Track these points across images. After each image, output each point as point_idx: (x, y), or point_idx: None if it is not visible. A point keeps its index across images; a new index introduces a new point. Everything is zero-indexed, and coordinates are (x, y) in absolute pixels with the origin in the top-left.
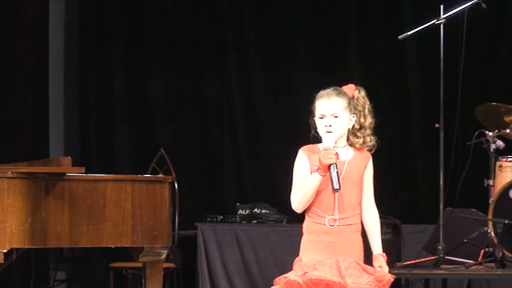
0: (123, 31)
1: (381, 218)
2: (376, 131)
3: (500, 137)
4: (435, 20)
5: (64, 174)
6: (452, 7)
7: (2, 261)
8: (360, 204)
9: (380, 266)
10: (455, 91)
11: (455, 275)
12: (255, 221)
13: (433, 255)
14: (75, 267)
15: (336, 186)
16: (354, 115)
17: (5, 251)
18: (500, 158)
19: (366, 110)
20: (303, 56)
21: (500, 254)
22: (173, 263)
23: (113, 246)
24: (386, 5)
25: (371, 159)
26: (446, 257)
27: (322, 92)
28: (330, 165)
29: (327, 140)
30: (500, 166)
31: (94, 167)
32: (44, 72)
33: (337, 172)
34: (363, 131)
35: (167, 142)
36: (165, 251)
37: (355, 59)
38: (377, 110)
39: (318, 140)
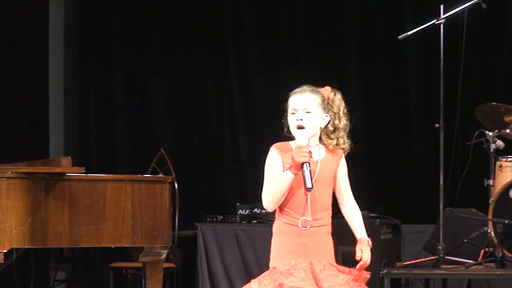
0: (123, 31)
1: (381, 218)
2: (377, 130)
3: (500, 137)
4: (435, 20)
5: (64, 174)
6: (452, 7)
7: (2, 261)
8: (332, 204)
9: (361, 250)
10: (455, 91)
11: (455, 275)
12: (255, 221)
13: (433, 255)
14: (75, 267)
15: (309, 185)
16: (327, 115)
17: (5, 251)
18: (500, 158)
19: (341, 112)
20: (303, 56)
21: (500, 254)
22: (173, 263)
23: (113, 246)
24: (387, 5)
25: (343, 156)
26: (446, 257)
27: (296, 89)
28: (303, 163)
29: (301, 138)
30: (500, 166)
31: (94, 167)
32: (44, 73)
33: (310, 171)
34: (336, 133)
35: (167, 142)
36: (165, 251)
37: (355, 59)
38: (377, 110)
39: (290, 138)
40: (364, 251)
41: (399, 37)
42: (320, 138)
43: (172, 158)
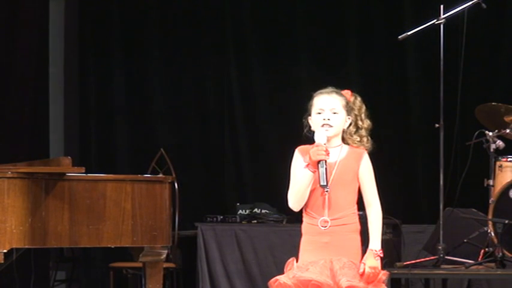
0: (123, 31)
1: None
2: (376, 130)
3: (500, 137)
4: (435, 20)
5: (64, 174)
6: (452, 7)
7: (2, 261)
8: (357, 202)
9: (364, 264)
10: (455, 91)
11: (455, 275)
12: (255, 221)
13: (433, 255)
14: (75, 267)
15: (323, 182)
16: (349, 117)
17: (5, 251)
18: (500, 158)
19: (363, 114)
20: (303, 56)
21: (500, 254)
22: (173, 263)
23: (113, 246)
24: (387, 5)
25: (365, 154)
26: (446, 257)
27: (321, 90)
28: (320, 161)
29: (319, 136)
30: (500, 166)
31: (94, 167)
32: (44, 72)
33: (326, 169)
34: (360, 132)
35: (167, 142)
36: (165, 251)
37: (355, 59)
38: (377, 110)
39: (310, 139)
40: (366, 265)
41: (399, 37)
42: (343, 139)
43: (172, 158)
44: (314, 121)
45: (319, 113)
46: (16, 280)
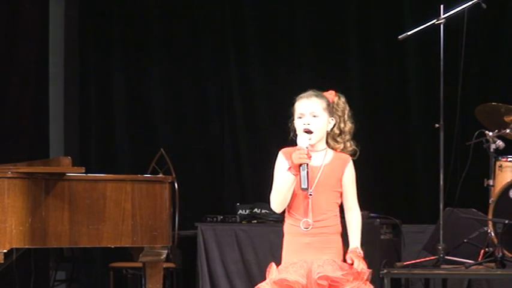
0: (123, 31)
1: (381, 218)
2: (376, 130)
3: (500, 137)
4: (435, 20)
5: (64, 174)
6: (452, 7)
7: (2, 261)
8: (341, 205)
9: (351, 259)
10: (455, 91)
11: (455, 275)
12: (255, 221)
13: (433, 255)
14: (75, 267)
15: (304, 186)
16: (332, 118)
17: (5, 251)
18: (500, 158)
19: (346, 116)
20: (303, 56)
21: (500, 254)
22: (173, 263)
23: (113, 246)
24: (386, 5)
25: (350, 162)
26: (446, 257)
27: (302, 94)
28: (301, 164)
29: (302, 140)
30: (500, 166)
31: (94, 167)
32: (44, 72)
33: (307, 172)
34: (343, 136)
35: (167, 142)
36: (165, 251)
37: (355, 59)
38: (377, 110)
39: (295, 142)
40: (354, 260)
41: (399, 37)
42: (327, 142)
43: (172, 158)
44: (296, 125)
45: (300, 118)
46: (16, 280)
